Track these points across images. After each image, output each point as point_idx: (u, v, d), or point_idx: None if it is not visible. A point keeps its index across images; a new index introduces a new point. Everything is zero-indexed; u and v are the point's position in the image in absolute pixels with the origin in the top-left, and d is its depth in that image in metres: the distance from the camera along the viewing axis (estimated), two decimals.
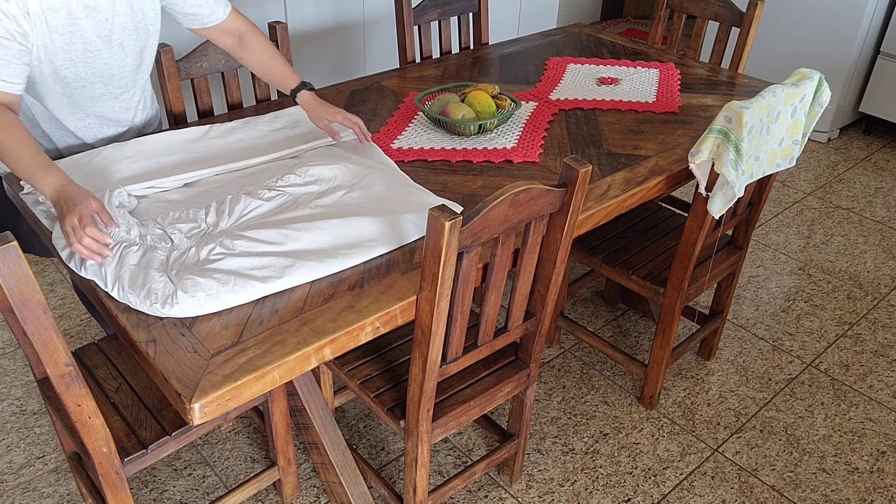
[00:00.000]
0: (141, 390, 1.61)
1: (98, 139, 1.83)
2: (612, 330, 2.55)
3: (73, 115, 1.74)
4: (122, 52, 1.69)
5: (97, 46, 1.63)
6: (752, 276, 2.84)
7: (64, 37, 1.57)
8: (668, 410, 2.23)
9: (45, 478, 1.96)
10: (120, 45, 1.68)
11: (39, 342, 1.18)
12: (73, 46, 1.60)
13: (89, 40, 1.61)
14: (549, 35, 2.78)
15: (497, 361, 1.74)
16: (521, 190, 1.32)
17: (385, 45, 3.52)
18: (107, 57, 1.67)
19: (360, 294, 1.37)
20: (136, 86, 1.82)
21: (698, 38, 2.65)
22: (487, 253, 1.49)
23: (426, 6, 2.52)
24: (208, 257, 1.39)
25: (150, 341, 1.25)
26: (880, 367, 2.42)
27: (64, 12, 1.55)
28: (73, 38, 1.59)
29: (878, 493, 1.99)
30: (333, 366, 1.72)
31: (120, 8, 1.63)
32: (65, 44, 1.58)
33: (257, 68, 1.92)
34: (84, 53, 1.62)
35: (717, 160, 1.74)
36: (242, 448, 2.06)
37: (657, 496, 1.97)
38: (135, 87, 1.81)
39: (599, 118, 2.12)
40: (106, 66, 1.68)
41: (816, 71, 1.87)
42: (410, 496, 1.68)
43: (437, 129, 2.00)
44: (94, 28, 1.61)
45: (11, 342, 2.39)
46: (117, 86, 1.75)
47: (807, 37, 3.68)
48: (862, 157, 3.77)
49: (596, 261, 2.15)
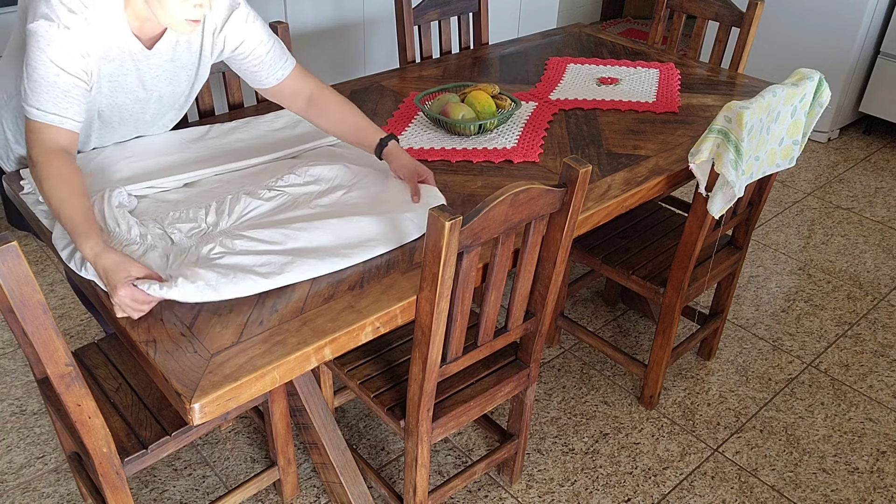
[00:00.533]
0: (141, 390, 1.61)
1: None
2: (612, 330, 2.55)
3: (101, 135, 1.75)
4: (161, 101, 1.71)
5: (139, 97, 1.65)
6: (752, 276, 2.84)
7: (108, 83, 1.57)
8: (668, 410, 2.23)
9: (45, 478, 1.96)
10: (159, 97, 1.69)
11: (39, 342, 1.18)
12: (115, 95, 1.60)
13: (131, 90, 1.62)
14: (549, 35, 2.78)
15: (497, 361, 1.74)
16: (521, 190, 1.32)
17: (385, 45, 3.52)
18: (148, 107, 1.70)
19: (360, 294, 1.38)
20: (179, 115, 1.85)
21: (698, 38, 2.65)
22: (487, 253, 1.49)
23: (426, 6, 2.52)
24: (208, 255, 1.39)
25: (150, 341, 1.25)
26: (880, 367, 2.42)
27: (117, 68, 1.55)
28: (115, 89, 1.59)
29: (878, 493, 1.99)
30: (333, 366, 1.72)
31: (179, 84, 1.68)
32: (108, 90, 1.58)
33: (333, 129, 1.75)
34: (125, 101, 1.63)
35: (717, 160, 1.74)
36: (242, 448, 2.06)
37: (657, 496, 1.97)
38: (178, 116, 1.84)
39: (599, 118, 2.12)
40: (153, 113, 1.72)
41: (816, 71, 1.87)
42: (410, 496, 1.68)
43: (437, 129, 2.00)
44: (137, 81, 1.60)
45: (11, 342, 2.40)
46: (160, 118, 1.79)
47: (807, 37, 3.68)
48: (862, 157, 3.77)
49: (596, 261, 2.15)
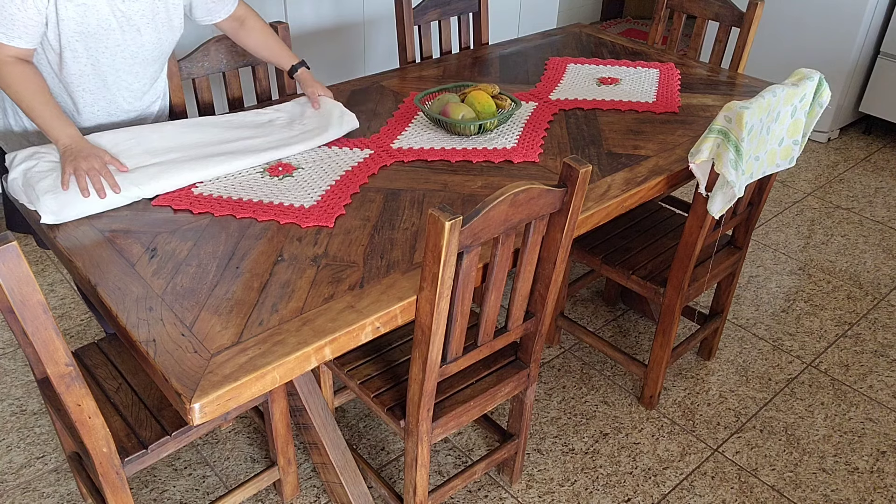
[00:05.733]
0: (141, 390, 1.61)
1: (101, 127, 1.85)
2: (612, 330, 2.55)
3: (92, 92, 1.77)
4: (139, 37, 1.72)
5: (111, 25, 1.67)
6: (752, 276, 2.84)
7: (79, 8, 1.61)
8: (668, 410, 2.23)
9: (45, 478, 1.96)
10: (137, 30, 1.71)
11: (39, 342, 1.18)
12: (87, 20, 1.63)
13: (103, 17, 1.65)
14: (549, 35, 2.78)
15: (497, 361, 1.74)
16: (521, 190, 1.32)
17: (385, 45, 3.52)
18: (119, 39, 1.70)
19: (360, 294, 1.38)
20: (152, 76, 1.85)
21: (698, 38, 2.65)
22: (487, 253, 1.49)
23: (426, 6, 2.52)
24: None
25: (150, 341, 1.25)
26: (880, 367, 2.42)
27: None
28: (87, 12, 1.62)
29: (878, 493, 1.99)
30: (333, 366, 1.72)
31: None
32: (77, 15, 1.62)
33: (257, 49, 2.02)
34: (97, 29, 1.65)
35: (717, 160, 1.74)
36: (242, 448, 2.06)
37: (657, 496, 1.97)
38: (150, 76, 1.85)
39: (599, 118, 2.12)
40: (119, 47, 1.71)
41: (816, 71, 1.87)
42: (410, 496, 1.68)
43: (437, 129, 2.00)
44: (108, 7, 1.64)
45: (11, 342, 2.40)
46: (133, 71, 1.79)
47: (807, 37, 3.68)
48: (862, 157, 3.77)
49: (596, 261, 2.15)
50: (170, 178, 1.65)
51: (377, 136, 1.95)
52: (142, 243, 1.50)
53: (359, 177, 1.76)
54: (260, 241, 1.52)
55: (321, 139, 1.87)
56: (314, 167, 1.78)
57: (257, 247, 1.50)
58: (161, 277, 1.40)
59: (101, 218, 1.57)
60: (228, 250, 1.49)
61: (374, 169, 1.80)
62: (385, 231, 1.57)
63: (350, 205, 1.66)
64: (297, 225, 1.58)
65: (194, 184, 1.69)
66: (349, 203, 1.66)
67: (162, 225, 1.56)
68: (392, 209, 1.65)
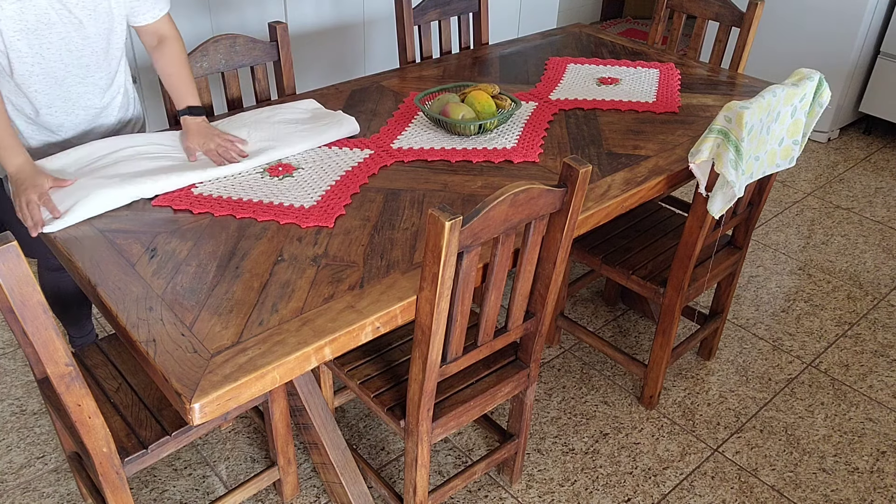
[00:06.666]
0: (141, 390, 1.61)
1: (64, 127, 1.82)
2: (612, 330, 2.55)
3: (45, 92, 1.73)
4: (82, 29, 1.69)
5: (51, 19, 1.63)
6: (752, 276, 2.84)
7: (14, 5, 1.57)
8: (668, 410, 2.23)
9: (45, 478, 1.96)
10: (79, 22, 1.67)
11: (39, 342, 1.18)
12: (25, 16, 1.59)
13: (42, 12, 1.61)
14: (549, 35, 2.78)
15: (497, 361, 1.74)
16: (521, 190, 1.32)
17: (385, 45, 3.52)
18: (63, 32, 1.66)
19: (360, 294, 1.38)
20: (106, 71, 1.81)
21: (698, 38, 2.65)
22: (487, 253, 1.49)
23: (426, 6, 2.52)
24: None
25: (150, 341, 1.25)
26: (880, 367, 2.42)
27: None
28: (24, 7, 1.59)
29: (878, 493, 1.99)
30: (333, 366, 1.72)
31: None
32: (14, 13, 1.58)
33: (163, 75, 1.89)
34: (37, 25, 1.62)
35: (717, 160, 1.74)
36: (242, 448, 2.06)
37: (657, 496, 1.97)
38: (105, 71, 1.80)
39: (599, 118, 2.12)
40: (63, 41, 1.67)
41: (816, 71, 1.87)
42: (410, 496, 1.68)
43: (437, 129, 2.00)
44: (45, 0, 1.61)
45: (11, 342, 2.40)
46: (83, 65, 1.75)
47: (807, 37, 3.68)
48: (862, 157, 3.77)
49: (596, 261, 2.15)
50: (169, 179, 1.65)
51: (377, 136, 1.95)
52: (142, 243, 1.50)
53: (359, 177, 1.76)
54: (260, 241, 1.52)
55: (321, 139, 1.87)
56: (314, 167, 1.78)
57: (257, 247, 1.50)
58: (161, 277, 1.40)
59: (101, 218, 1.57)
60: (228, 250, 1.49)
61: (374, 169, 1.80)
62: (385, 231, 1.57)
63: (350, 205, 1.66)
64: (297, 225, 1.58)
65: (194, 184, 1.69)
66: (349, 203, 1.66)
67: (162, 225, 1.56)
68: (392, 209, 1.65)
